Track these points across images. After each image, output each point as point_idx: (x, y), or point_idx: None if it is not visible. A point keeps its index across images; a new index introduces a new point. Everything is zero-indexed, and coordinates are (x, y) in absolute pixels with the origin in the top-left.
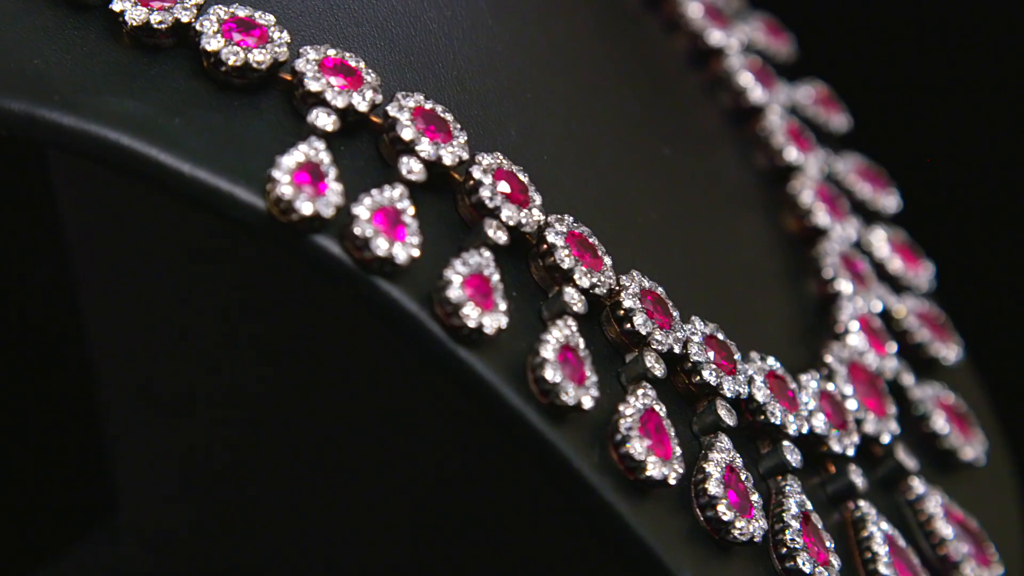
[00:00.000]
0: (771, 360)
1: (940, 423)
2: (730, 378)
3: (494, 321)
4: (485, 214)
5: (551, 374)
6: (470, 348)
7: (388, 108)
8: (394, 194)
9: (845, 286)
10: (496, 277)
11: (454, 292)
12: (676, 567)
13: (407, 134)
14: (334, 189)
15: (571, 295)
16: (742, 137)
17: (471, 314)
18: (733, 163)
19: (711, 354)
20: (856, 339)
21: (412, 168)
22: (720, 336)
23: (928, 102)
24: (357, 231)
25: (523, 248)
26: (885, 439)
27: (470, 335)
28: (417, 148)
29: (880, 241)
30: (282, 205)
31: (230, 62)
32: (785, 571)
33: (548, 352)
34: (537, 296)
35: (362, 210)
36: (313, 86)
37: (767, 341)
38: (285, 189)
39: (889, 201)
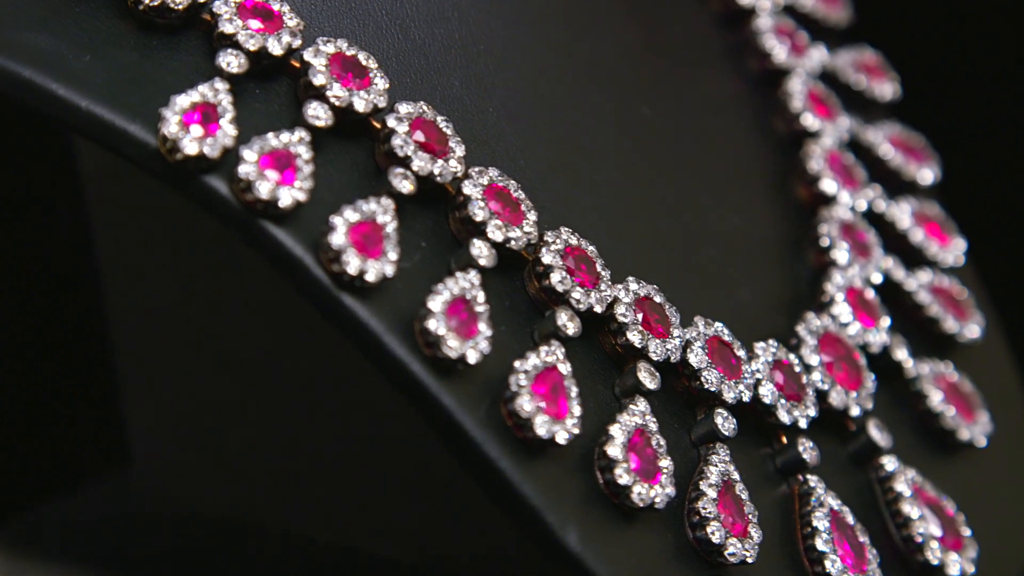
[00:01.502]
0: (718, 326)
1: (936, 401)
2: (659, 341)
3: (378, 269)
4: (395, 162)
5: (434, 326)
6: (356, 295)
7: (304, 53)
8: (291, 138)
9: (840, 256)
10: (392, 226)
11: (336, 238)
12: (559, 525)
13: (318, 79)
14: (226, 131)
15: (479, 248)
16: (765, 102)
17: (352, 261)
18: (740, 128)
19: (639, 316)
20: (840, 310)
21: (318, 114)
22: (657, 298)
23: (999, 74)
24: (241, 172)
25: (444, 199)
26: (854, 412)
27: (352, 282)
28: (328, 94)
29: (902, 213)
30: (168, 144)
31: (147, 0)
32: (696, 540)
33: (436, 304)
34: (454, 248)
35: (249, 152)
36: (227, 28)
37: (738, 309)
38: (171, 128)
39: (924, 173)
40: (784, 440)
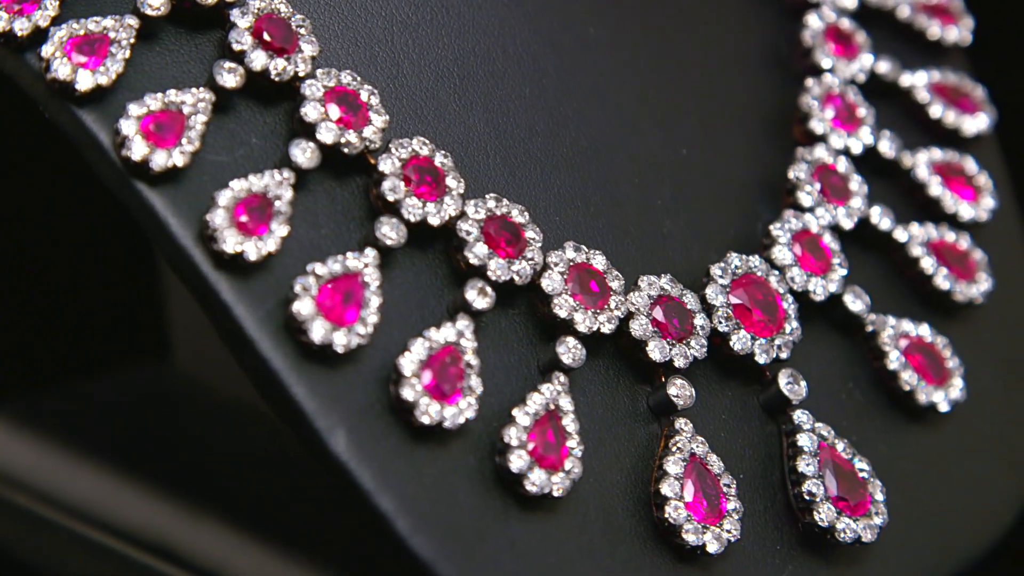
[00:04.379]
0: (592, 253)
1: (893, 360)
2: (503, 261)
3: (164, 158)
4: (231, 57)
5: (214, 218)
6: (148, 183)
7: None
8: (111, 24)
9: (804, 198)
10: (200, 118)
11: (124, 124)
12: (328, 430)
13: None
14: (45, 12)
15: (301, 147)
16: (789, 38)
17: (136, 147)
18: (743, 63)
19: (484, 233)
20: (779, 253)
21: (151, 2)
22: (519, 218)
23: None
24: (43, 52)
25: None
26: (760, 360)
27: (137, 168)
28: None
29: (918, 163)
30: None
31: None
32: (497, 467)
33: (222, 197)
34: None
35: (58, 33)
36: None
37: (653, 242)
38: None
39: (967, 123)
40: (663, 379)
